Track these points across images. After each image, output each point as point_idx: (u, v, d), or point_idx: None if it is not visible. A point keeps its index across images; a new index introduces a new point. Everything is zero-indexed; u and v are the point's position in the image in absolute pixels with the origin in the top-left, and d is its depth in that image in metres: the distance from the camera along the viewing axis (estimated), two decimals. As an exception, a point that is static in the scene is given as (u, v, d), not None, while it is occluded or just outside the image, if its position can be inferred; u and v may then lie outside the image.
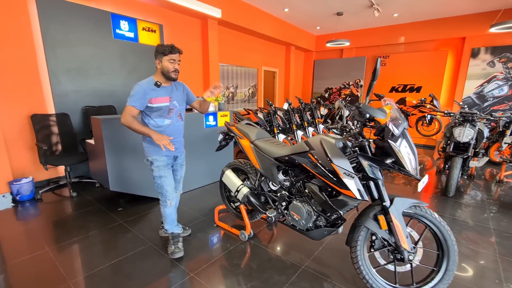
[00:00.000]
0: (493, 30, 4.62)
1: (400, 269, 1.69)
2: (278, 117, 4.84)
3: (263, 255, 2.11)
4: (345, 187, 1.58)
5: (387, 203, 1.58)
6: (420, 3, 5.61)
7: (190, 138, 3.19)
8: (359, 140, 1.67)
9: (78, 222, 2.62)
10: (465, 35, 6.41)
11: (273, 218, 2.08)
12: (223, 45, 6.07)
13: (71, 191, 3.26)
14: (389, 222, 1.59)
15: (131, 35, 4.26)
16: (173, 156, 2.08)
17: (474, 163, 3.47)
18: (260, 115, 5.12)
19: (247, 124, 2.49)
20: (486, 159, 3.50)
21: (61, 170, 3.67)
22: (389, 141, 1.47)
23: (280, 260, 2.04)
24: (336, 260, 2.05)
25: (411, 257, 1.59)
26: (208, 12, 4.31)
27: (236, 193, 2.26)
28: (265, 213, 2.17)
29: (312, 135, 5.45)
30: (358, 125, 1.75)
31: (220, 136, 2.51)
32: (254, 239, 2.34)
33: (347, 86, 8.32)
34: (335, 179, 1.62)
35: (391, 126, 1.45)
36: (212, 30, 5.44)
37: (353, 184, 1.55)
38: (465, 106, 6.61)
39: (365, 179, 1.62)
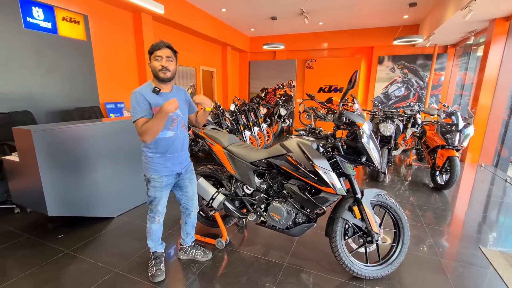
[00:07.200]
0: (396, 42, 5.69)
1: (368, 249, 1.97)
2: (227, 118, 4.83)
3: (244, 259, 2.11)
4: (327, 185, 1.74)
5: (359, 195, 1.82)
6: (339, 15, 6.43)
7: (130, 147, 2.86)
8: (332, 141, 1.86)
9: (5, 261, 2.08)
10: (373, 45, 7.69)
11: (254, 221, 2.11)
12: (159, 43, 5.63)
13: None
14: (361, 211, 1.83)
15: (48, 25, 3.55)
16: (175, 173, 1.82)
17: (395, 152, 4.25)
18: (209, 117, 5.02)
19: (213, 129, 2.44)
20: (402, 148, 4.33)
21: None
22: (363, 142, 1.69)
23: (262, 261, 2.09)
24: (311, 252, 2.23)
25: (379, 238, 1.88)
26: (151, 7, 3.92)
27: (211, 201, 2.19)
28: (243, 218, 2.19)
29: (258, 134, 5.64)
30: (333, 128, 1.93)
31: (185, 143, 2.38)
32: (230, 245, 2.31)
33: (281, 86, 8.88)
34: (316, 178, 1.77)
35: (365, 130, 1.68)
36: (147, 26, 5.00)
37: (338, 182, 1.73)
38: (379, 104, 7.93)
39: (338, 175, 1.82)
